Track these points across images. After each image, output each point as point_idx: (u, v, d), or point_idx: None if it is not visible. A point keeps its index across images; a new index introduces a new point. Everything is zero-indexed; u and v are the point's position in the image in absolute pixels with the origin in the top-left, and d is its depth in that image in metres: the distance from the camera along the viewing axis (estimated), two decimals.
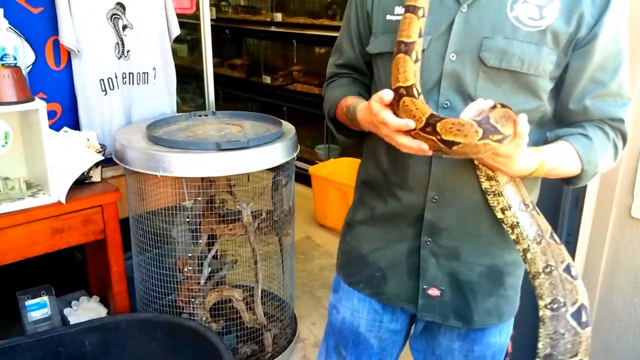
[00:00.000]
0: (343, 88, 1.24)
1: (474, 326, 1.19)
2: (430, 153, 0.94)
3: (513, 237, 1.04)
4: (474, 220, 1.10)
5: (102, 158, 1.89)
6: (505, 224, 1.04)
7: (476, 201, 1.08)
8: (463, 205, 1.09)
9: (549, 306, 0.96)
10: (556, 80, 1.06)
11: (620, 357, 1.55)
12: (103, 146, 1.95)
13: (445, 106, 1.05)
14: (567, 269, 0.98)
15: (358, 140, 1.26)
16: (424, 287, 1.16)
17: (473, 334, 1.22)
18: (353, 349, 1.33)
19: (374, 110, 0.97)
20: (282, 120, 2.21)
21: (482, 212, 1.09)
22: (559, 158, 1.03)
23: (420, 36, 1.01)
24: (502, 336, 1.24)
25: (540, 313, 0.96)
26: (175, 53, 4.22)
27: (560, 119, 1.12)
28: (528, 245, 1.01)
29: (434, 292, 1.16)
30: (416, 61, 1.00)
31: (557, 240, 1.01)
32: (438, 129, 0.89)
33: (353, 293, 1.29)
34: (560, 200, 1.71)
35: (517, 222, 1.02)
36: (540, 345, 0.94)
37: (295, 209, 3.68)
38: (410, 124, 0.92)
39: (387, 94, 0.95)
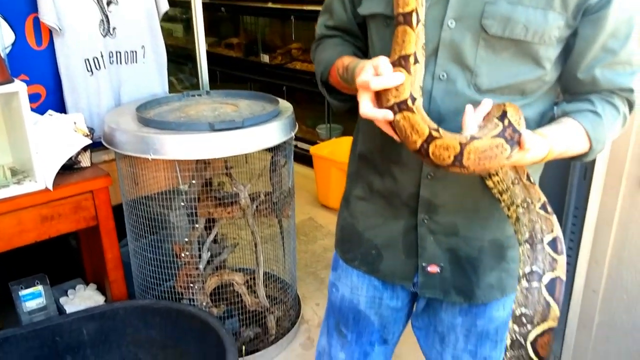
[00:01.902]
0: (338, 48, 1.16)
1: (476, 301, 1.15)
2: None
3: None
4: (471, 195, 1.05)
5: (91, 142, 1.82)
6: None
7: (471, 177, 1.02)
8: (459, 181, 1.04)
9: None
10: (562, 47, 0.99)
11: (629, 330, 1.50)
12: (91, 129, 1.89)
13: (442, 78, 0.98)
14: (553, 243, 0.90)
15: (352, 105, 1.18)
16: (423, 264, 1.13)
17: (475, 309, 1.18)
18: (354, 326, 1.29)
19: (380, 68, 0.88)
20: (278, 99, 2.14)
21: (478, 187, 1.04)
22: (567, 141, 0.97)
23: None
24: (505, 310, 1.19)
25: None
26: (170, 33, 4.15)
27: (566, 88, 1.05)
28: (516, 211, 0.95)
29: (433, 269, 1.12)
30: (417, 23, 0.91)
31: (549, 210, 0.94)
32: (465, 163, 0.83)
33: (352, 270, 1.25)
34: (568, 173, 1.65)
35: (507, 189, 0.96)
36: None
37: (297, 190, 3.63)
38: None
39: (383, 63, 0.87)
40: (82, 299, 2.07)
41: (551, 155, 0.94)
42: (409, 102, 0.87)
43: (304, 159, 4.08)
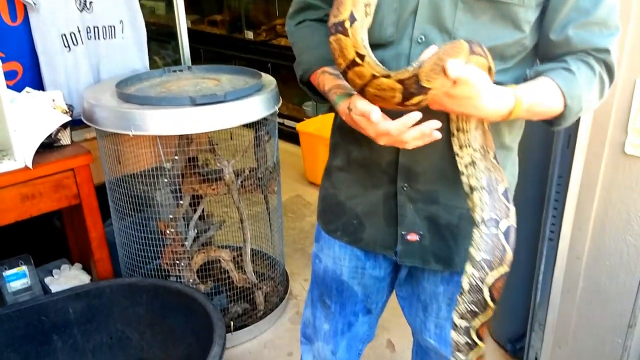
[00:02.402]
0: (314, 46, 1.12)
1: (456, 269, 1.15)
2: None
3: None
4: (450, 162, 1.03)
5: (70, 119, 1.79)
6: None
7: (451, 142, 1.01)
8: (438, 147, 1.02)
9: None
10: (540, 9, 0.97)
11: (612, 296, 1.52)
12: (70, 106, 1.85)
13: (420, 41, 0.97)
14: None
15: None
16: (403, 232, 1.12)
17: (457, 277, 1.18)
18: (337, 297, 1.29)
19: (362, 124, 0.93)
20: (261, 73, 2.11)
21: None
22: (538, 94, 0.95)
23: None
24: None
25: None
26: (152, 11, 4.07)
27: (542, 53, 1.04)
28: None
29: (412, 237, 1.12)
30: None
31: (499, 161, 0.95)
32: (366, 95, 0.87)
33: (334, 241, 1.25)
34: (552, 142, 1.65)
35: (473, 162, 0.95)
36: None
37: (284, 167, 3.61)
38: (409, 122, 0.87)
39: (375, 114, 0.88)
40: (68, 278, 2.06)
41: (520, 107, 0.91)
42: (346, 23, 0.88)
43: (291, 136, 4.05)
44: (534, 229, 1.73)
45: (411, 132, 0.89)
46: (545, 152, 1.70)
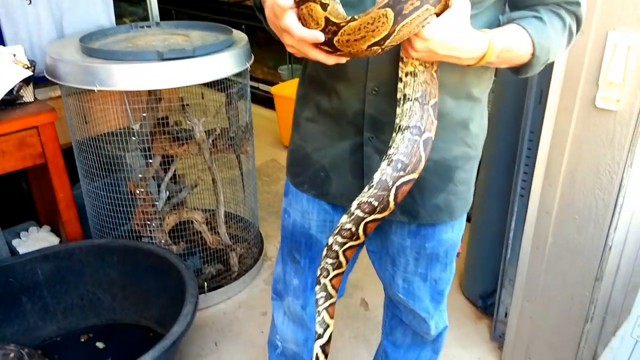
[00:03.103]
0: None
1: (421, 221, 1.14)
2: (344, 60, 0.84)
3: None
4: None
5: (31, 74, 1.72)
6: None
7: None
8: None
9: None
10: None
11: (581, 249, 1.54)
12: (32, 62, 1.78)
13: None
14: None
15: None
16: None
17: (424, 231, 1.18)
18: (306, 252, 1.28)
19: (276, 12, 0.84)
20: (232, 29, 2.05)
21: None
22: (510, 40, 0.93)
23: None
24: (454, 232, 1.20)
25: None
26: None
27: (513, 2, 1.02)
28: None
29: None
30: None
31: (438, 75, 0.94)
32: (340, 39, 0.79)
33: (302, 195, 1.23)
34: (524, 99, 1.64)
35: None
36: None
37: (260, 132, 3.58)
38: (319, 36, 0.80)
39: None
40: (36, 240, 2.02)
41: (492, 51, 0.90)
42: None
43: (266, 101, 4.00)
44: (506, 186, 1.74)
45: (316, 52, 0.85)
46: (518, 108, 1.70)
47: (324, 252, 0.99)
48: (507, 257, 1.78)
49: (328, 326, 1.02)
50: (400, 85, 0.94)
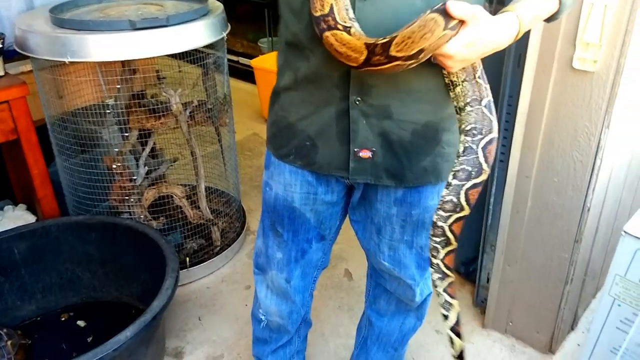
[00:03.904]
0: None
1: (408, 184, 1.13)
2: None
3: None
4: (404, 74, 1.00)
5: (0, 47, 1.67)
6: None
7: None
8: None
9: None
10: None
11: (560, 212, 1.55)
12: (1, 34, 1.72)
13: None
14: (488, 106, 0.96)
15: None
16: (355, 149, 1.09)
17: (410, 198, 1.17)
18: (289, 225, 1.26)
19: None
20: None
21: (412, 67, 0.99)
22: (535, 5, 0.94)
23: None
24: (439, 198, 1.19)
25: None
26: None
27: None
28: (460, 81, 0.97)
29: (365, 154, 1.09)
30: None
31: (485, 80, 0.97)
32: (393, 52, 0.86)
33: (284, 167, 1.20)
34: (503, 62, 1.63)
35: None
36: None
37: (241, 106, 3.53)
38: None
39: None
40: (12, 219, 1.98)
41: (522, 29, 0.92)
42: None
43: (246, 75, 3.95)
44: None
45: None
46: (497, 72, 1.69)
47: (431, 231, 0.98)
48: (488, 223, 1.78)
49: (452, 306, 0.99)
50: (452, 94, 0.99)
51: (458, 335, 0.99)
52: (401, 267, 1.28)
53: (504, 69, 1.62)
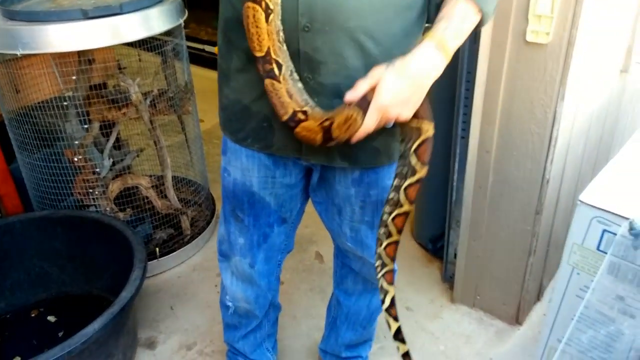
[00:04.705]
0: None
1: (362, 165, 1.14)
2: None
3: None
4: (351, 52, 1.00)
5: None
6: None
7: (351, 30, 0.97)
8: (337, 35, 0.98)
9: None
10: None
11: (519, 184, 1.57)
12: None
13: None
14: None
15: None
16: None
17: (367, 178, 1.18)
18: (249, 209, 1.26)
19: None
20: None
21: (357, 44, 0.99)
22: (455, 24, 0.95)
23: None
24: None
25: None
26: None
27: None
28: None
29: None
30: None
31: None
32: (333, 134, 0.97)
33: (241, 151, 1.20)
34: None
35: None
36: None
37: (209, 95, 3.47)
38: None
39: None
40: None
41: (448, 52, 0.94)
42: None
43: (212, 63, 3.88)
44: (447, 129, 1.75)
45: None
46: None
47: (379, 223, 1.07)
48: (452, 199, 1.80)
49: (387, 292, 1.10)
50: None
51: (394, 318, 1.10)
52: (363, 247, 1.30)
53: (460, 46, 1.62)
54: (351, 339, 1.56)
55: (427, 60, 0.93)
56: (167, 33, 1.85)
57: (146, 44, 1.83)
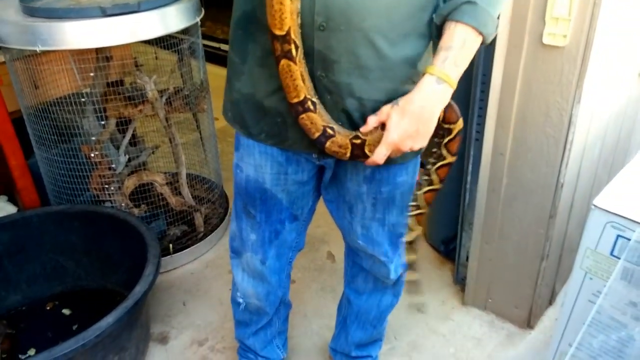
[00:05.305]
0: None
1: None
2: None
3: None
4: (364, 52, 1.00)
5: None
6: None
7: (365, 29, 0.98)
8: (352, 34, 0.99)
9: None
10: None
11: (534, 188, 1.56)
12: None
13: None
14: None
15: None
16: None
17: (379, 175, 1.18)
18: (261, 206, 1.27)
19: None
20: None
21: (371, 44, 1.00)
22: (456, 52, 0.96)
23: None
24: (409, 174, 1.20)
25: None
26: None
27: None
28: None
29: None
30: None
31: None
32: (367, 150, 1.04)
33: (254, 147, 1.20)
34: None
35: None
36: None
37: (223, 92, 3.51)
38: None
39: None
40: None
41: (452, 80, 0.97)
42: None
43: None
44: (462, 131, 1.74)
45: None
46: None
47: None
48: (465, 202, 1.80)
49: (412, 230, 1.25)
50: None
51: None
52: (374, 244, 1.30)
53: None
54: (361, 338, 1.56)
55: (430, 96, 0.96)
56: (184, 31, 1.87)
57: (163, 42, 1.85)
